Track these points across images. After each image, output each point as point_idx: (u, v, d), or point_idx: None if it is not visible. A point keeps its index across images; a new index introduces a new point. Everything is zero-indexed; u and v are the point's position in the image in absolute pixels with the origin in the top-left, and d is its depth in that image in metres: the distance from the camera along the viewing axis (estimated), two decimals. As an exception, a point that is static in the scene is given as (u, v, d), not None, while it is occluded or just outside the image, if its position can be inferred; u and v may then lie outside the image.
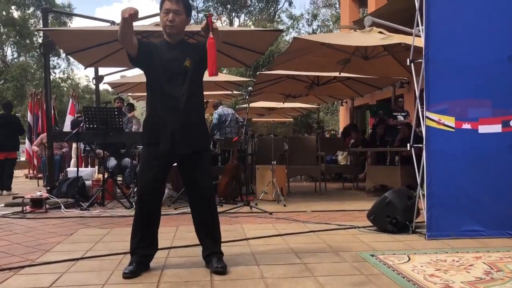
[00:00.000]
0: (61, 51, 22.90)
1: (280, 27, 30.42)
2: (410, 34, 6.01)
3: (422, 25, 3.88)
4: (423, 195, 3.87)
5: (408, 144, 4.03)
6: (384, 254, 3.25)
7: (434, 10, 3.80)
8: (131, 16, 2.63)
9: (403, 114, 8.56)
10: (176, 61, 2.87)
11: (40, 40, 30.27)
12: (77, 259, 3.17)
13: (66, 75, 33.91)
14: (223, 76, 10.27)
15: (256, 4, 35.19)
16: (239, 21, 35.19)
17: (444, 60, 3.82)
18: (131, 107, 8.43)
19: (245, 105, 15.15)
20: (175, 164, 3.03)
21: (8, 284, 2.66)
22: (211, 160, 3.14)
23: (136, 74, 10.53)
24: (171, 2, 2.82)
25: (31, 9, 32.26)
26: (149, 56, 2.87)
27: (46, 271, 2.92)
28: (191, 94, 2.86)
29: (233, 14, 35.27)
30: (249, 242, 3.72)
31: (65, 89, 31.60)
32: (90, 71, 60.96)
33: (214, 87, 10.26)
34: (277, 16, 35.44)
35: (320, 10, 33.51)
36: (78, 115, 10.45)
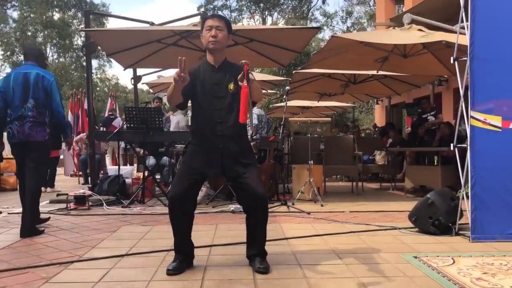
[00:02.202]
0: (103, 52, 23.50)
1: (314, 25, 30.27)
2: (450, 31, 5.89)
3: (467, 21, 3.79)
4: (467, 196, 3.78)
5: (452, 144, 3.94)
6: (427, 256, 3.19)
7: (480, 6, 3.69)
8: (178, 76, 2.63)
9: (432, 113, 8.34)
10: (221, 85, 2.90)
11: (79, 41, 31.22)
12: (123, 256, 3.26)
13: (104, 75, 34.71)
14: (259, 76, 10.28)
15: (289, 2, 35.08)
16: (272, 19, 35.18)
17: (490, 57, 3.71)
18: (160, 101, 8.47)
19: (279, 104, 15.20)
20: None
21: (60, 278, 2.77)
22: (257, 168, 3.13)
23: (172, 74, 10.68)
24: (213, 20, 2.89)
25: (72, 10, 33.16)
26: (193, 88, 2.89)
27: (94, 266, 3.02)
28: (237, 116, 2.83)
29: (266, 12, 35.29)
30: (289, 241, 3.73)
31: (105, 89, 32.34)
32: (119, 70, 62.34)
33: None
34: (310, 13, 35.26)
35: (354, 8, 33.14)
36: (110, 113, 10.74)
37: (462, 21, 3.94)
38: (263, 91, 11.05)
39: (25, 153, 4.14)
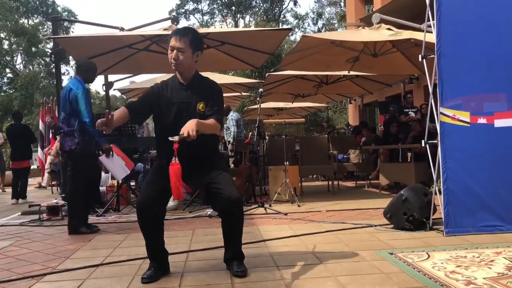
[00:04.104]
0: (71, 58, 23.04)
1: (285, 27, 30.39)
2: (419, 29, 6.00)
3: (433, 19, 3.86)
4: (439, 191, 3.84)
5: (423, 141, 4.00)
6: (403, 252, 3.23)
7: (445, 4, 3.77)
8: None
9: (414, 110, 8.54)
10: (190, 104, 2.82)
11: (49, 48, 30.48)
12: (97, 265, 3.20)
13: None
14: (232, 78, 10.24)
15: (261, 4, 35.19)
16: (244, 22, 35.22)
17: (457, 54, 3.79)
18: None
19: (254, 106, 15.20)
20: None
21: (31, 292, 2.70)
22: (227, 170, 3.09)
23: (145, 79, 10.58)
24: (175, 40, 2.77)
25: (35, 15, 32.38)
26: (155, 104, 2.83)
27: (68, 278, 2.95)
28: (204, 138, 2.69)
29: (238, 15, 35.31)
30: (266, 243, 3.73)
31: None
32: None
33: (223, 90, 10.26)
34: (282, 16, 35.44)
35: (325, 9, 33.49)
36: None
37: (429, 20, 4.01)
38: (237, 93, 11.03)
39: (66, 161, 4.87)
